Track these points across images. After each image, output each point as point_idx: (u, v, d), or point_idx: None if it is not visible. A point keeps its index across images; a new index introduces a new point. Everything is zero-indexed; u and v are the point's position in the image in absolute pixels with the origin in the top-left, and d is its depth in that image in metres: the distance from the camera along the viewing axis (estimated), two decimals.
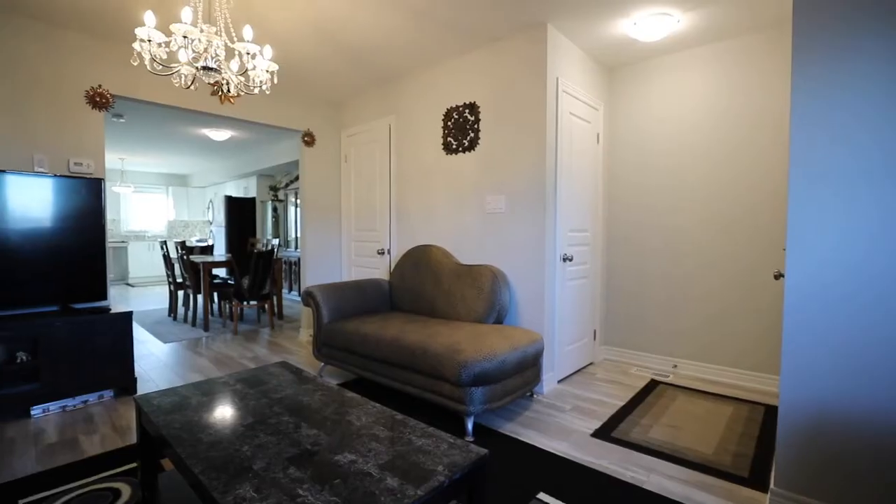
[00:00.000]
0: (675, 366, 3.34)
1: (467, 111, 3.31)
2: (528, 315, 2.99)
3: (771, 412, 2.57)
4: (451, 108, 3.42)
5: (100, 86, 3.07)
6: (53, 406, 2.67)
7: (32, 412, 2.60)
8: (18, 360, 2.57)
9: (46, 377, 2.61)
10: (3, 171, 2.62)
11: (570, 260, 3.12)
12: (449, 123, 3.44)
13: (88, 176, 3.01)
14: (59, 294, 2.84)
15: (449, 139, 3.44)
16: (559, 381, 3.12)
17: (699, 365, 3.23)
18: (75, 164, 2.99)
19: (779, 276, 1.88)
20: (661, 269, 3.40)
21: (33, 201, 2.72)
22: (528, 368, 2.57)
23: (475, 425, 2.44)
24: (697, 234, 3.22)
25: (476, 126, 3.26)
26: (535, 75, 2.91)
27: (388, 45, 3.20)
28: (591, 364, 3.54)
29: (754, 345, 3.01)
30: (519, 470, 1.99)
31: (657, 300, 3.42)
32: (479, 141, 3.25)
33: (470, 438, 2.26)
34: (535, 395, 2.87)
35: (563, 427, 2.43)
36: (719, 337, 3.15)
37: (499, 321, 2.93)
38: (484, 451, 1.34)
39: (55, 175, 2.80)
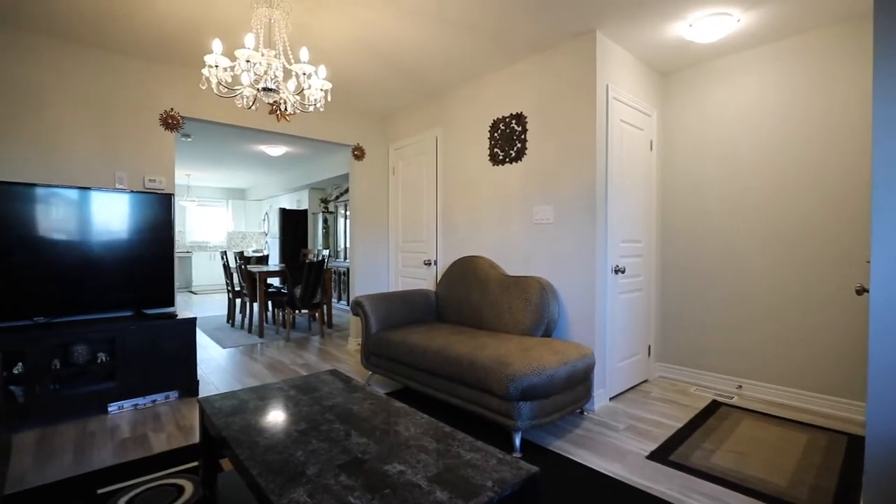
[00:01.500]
0: (740, 386, 3.10)
1: (514, 122, 3.30)
2: (578, 328, 2.90)
3: (855, 442, 2.33)
4: (498, 118, 3.42)
5: (172, 109, 3.34)
6: (127, 404, 2.88)
7: (109, 409, 2.82)
8: (99, 361, 2.81)
9: (121, 377, 2.82)
10: (89, 189, 2.90)
11: (622, 272, 3.00)
12: (495, 134, 3.44)
13: (160, 191, 3.26)
14: (133, 300, 3.08)
15: (495, 150, 3.44)
16: (611, 399, 2.99)
17: (768, 387, 2.99)
18: (150, 180, 3.25)
19: (861, 291, 1.71)
20: (722, 281, 3.19)
21: (113, 215, 2.99)
22: (578, 384, 2.48)
23: (522, 441, 2.38)
24: (764, 244, 3.00)
25: (523, 136, 3.23)
26: (583, 83, 2.86)
27: (435, 59, 3.26)
28: (645, 381, 3.37)
29: (833, 366, 2.74)
30: (569, 490, 1.91)
31: (719, 315, 3.21)
32: (527, 151, 3.22)
33: (517, 454, 2.20)
34: (585, 413, 2.77)
35: (616, 447, 2.32)
36: (791, 356, 2.90)
37: (547, 334, 2.86)
38: (535, 468, 1.30)
39: (132, 191, 3.06)
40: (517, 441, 2.22)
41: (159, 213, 3.16)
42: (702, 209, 3.30)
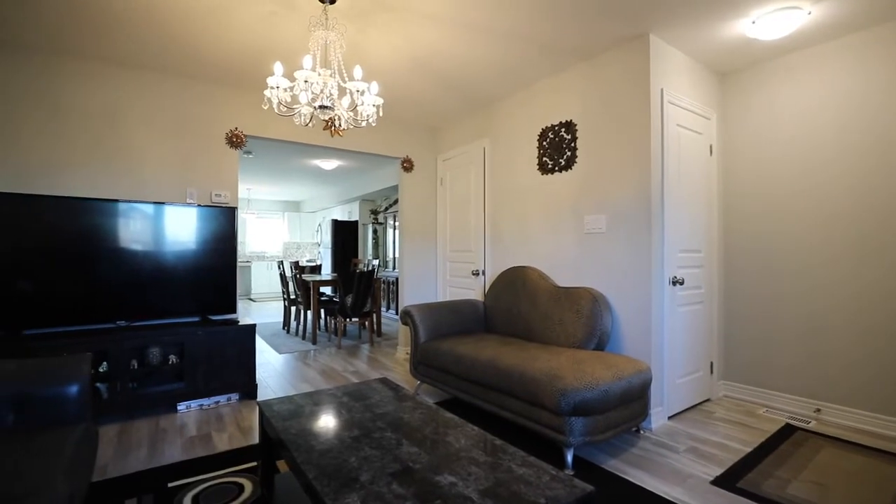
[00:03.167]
0: (818, 410, 2.83)
1: (563, 130, 3.25)
2: (633, 342, 2.78)
3: None
4: (547, 127, 3.38)
5: (236, 128, 3.59)
6: (193, 404, 3.07)
7: (178, 407, 3.02)
8: (170, 362, 3.03)
9: (189, 378, 3.02)
10: (163, 203, 3.16)
11: (681, 283, 2.85)
12: (544, 143, 3.40)
13: (225, 205, 3.49)
14: (200, 307, 3.30)
15: (544, 159, 3.40)
16: (670, 418, 2.83)
17: (852, 412, 2.70)
18: (216, 195, 3.49)
19: None
20: (796, 294, 2.95)
21: (184, 228, 3.23)
22: (633, 400, 2.37)
23: (574, 458, 2.30)
24: (846, 253, 2.74)
25: (573, 144, 3.18)
26: (636, 88, 2.77)
27: (483, 71, 3.28)
28: (707, 401, 3.16)
29: None
30: None
31: (792, 331, 2.96)
32: (577, 159, 3.16)
33: (569, 472, 2.13)
34: (641, 431, 2.63)
35: (675, 469, 2.18)
36: (883, 377, 2.61)
37: (600, 347, 2.76)
38: (590, 487, 1.25)
39: (200, 205, 3.30)
40: (569, 458, 2.15)
41: (224, 225, 3.38)
42: (770, 216, 3.07)
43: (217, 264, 3.35)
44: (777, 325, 3.03)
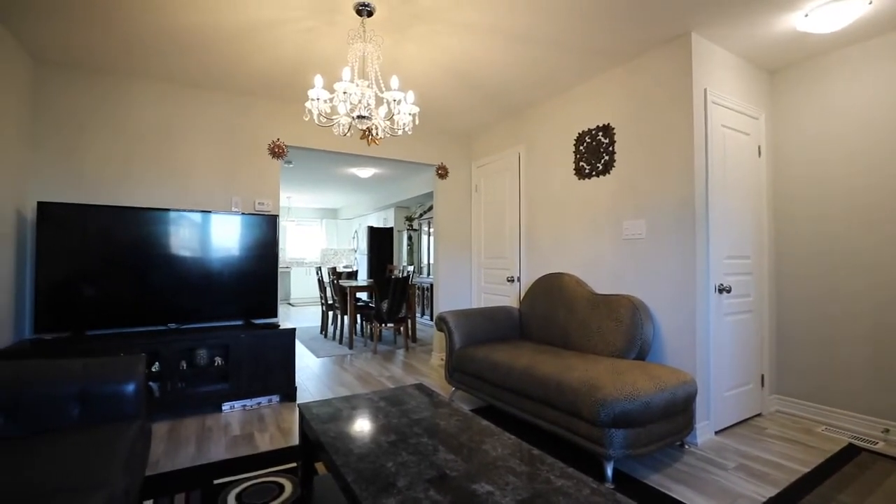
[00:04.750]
0: (887, 430, 2.61)
1: (601, 134, 3.18)
2: (676, 352, 2.67)
3: None
4: (583, 132, 3.33)
5: (278, 139, 3.73)
6: (237, 404, 3.19)
7: (223, 407, 3.15)
8: (216, 364, 3.16)
9: (233, 380, 3.14)
10: (210, 212, 3.32)
11: (728, 291, 2.72)
12: (581, 148, 3.35)
13: (267, 213, 3.63)
14: (243, 311, 3.43)
15: (581, 164, 3.34)
16: (717, 433, 2.69)
17: None
18: (259, 203, 3.64)
19: None
20: (858, 303, 2.74)
21: (229, 235, 3.38)
22: (677, 413, 2.27)
23: (614, 471, 2.22)
24: None
25: (611, 148, 3.11)
26: (677, 89, 2.68)
27: (518, 77, 3.27)
28: (758, 415, 2.98)
29: None
30: None
31: (855, 343, 2.76)
32: (615, 163, 3.08)
33: (610, 485, 2.06)
34: (686, 446, 2.52)
35: (724, 488, 2.07)
36: None
37: (640, 357, 2.66)
38: (632, 502, 1.20)
39: (244, 213, 3.45)
40: (609, 471, 2.08)
41: (266, 232, 3.51)
42: (826, 219, 2.88)
43: (259, 270, 3.48)
44: (837, 336, 2.83)
